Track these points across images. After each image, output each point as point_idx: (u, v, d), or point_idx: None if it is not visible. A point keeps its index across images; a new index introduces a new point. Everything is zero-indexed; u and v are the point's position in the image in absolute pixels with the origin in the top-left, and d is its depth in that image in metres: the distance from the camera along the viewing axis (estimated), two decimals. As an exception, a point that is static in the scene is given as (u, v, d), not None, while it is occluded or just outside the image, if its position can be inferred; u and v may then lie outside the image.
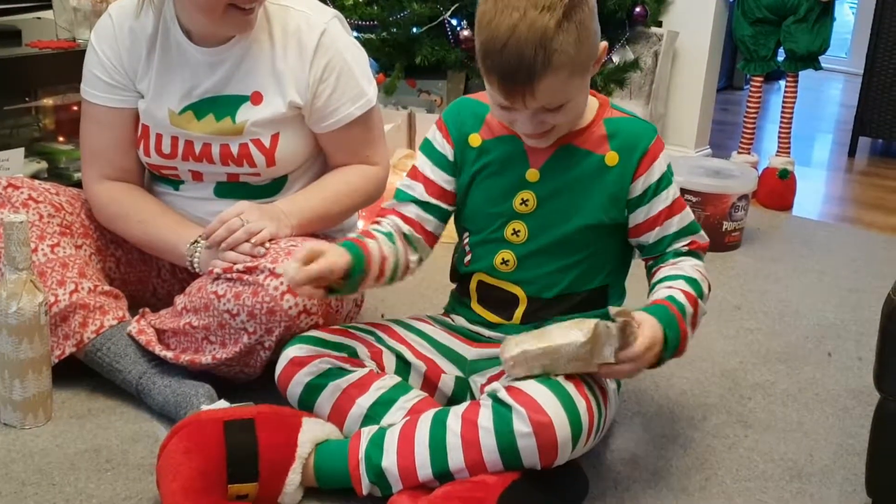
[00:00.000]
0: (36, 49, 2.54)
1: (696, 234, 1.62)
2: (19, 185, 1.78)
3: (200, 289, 1.66)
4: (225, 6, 1.65)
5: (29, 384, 1.61)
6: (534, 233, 1.58)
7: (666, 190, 1.57)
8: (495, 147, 1.59)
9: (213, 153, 1.78)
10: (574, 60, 1.39)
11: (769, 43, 3.22)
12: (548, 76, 1.38)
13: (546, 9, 1.36)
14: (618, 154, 1.54)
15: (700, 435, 1.74)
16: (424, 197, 1.63)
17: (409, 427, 1.44)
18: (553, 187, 1.56)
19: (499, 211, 1.59)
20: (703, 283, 1.58)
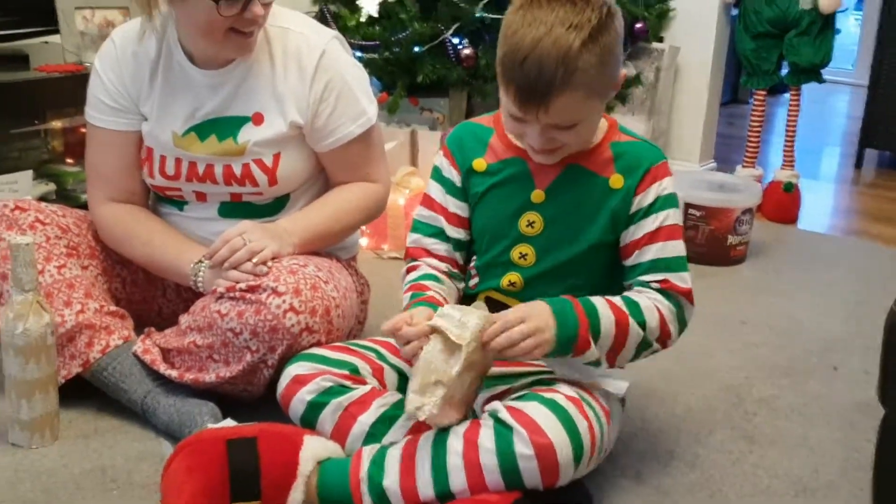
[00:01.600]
0: (44, 73, 2.57)
1: (675, 273, 1.54)
2: (26, 208, 1.79)
3: (204, 308, 1.67)
4: (225, 30, 1.67)
5: (36, 404, 1.62)
6: (541, 255, 1.58)
7: (656, 214, 1.53)
8: (500, 170, 1.60)
9: (216, 173, 1.79)
10: (593, 82, 1.40)
11: (771, 57, 3.23)
12: (565, 94, 1.39)
13: (573, 27, 1.37)
14: (622, 176, 1.54)
15: (705, 451, 1.74)
16: (450, 232, 1.64)
17: (410, 447, 1.44)
18: (559, 208, 1.56)
19: (505, 233, 1.59)
20: (648, 314, 1.49)
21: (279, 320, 1.59)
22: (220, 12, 1.63)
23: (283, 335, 1.59)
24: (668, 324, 1.52)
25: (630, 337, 1.49)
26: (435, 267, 1.64)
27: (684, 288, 1.54)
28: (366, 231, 2.66)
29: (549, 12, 1.38)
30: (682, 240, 1.56)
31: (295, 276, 1.62)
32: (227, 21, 1.65)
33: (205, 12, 1.64)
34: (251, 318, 1.60)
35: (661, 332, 1.52)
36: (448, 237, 1.65)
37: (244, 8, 1.64)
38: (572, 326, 1.44)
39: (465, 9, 2.80)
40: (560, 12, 1.38)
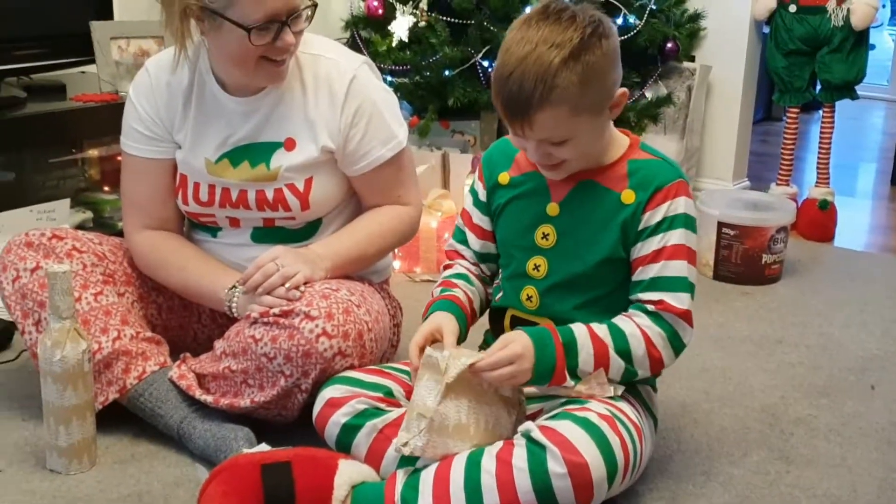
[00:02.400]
0: (80, 103, 2.62)
1: (672, 294, 1.53)
2: (63, 236, 1.82)
3: (238, 333, 1.69)
4: (257, 58, 1.69)
5: (73, 430, 1.64)
6: (553, 267, 1.60)
7: (665, 233, 1.53)
8: (521, 182, 1.64)
9: (249, 199, 1.82)
10: (577, 99, 1.43)
11: (804, 74, 3.21)
12: (545, 110, 1.42)
13: (555, 46, 1.41)
14: (634, 192, 1.54)
15: (740, 472, 1.73)
16: (472, 242, 1.72)
17: (443, 468, 1.45)
18: (572, 222, 1.58)
19: (522, 244, 1.63)
20: (634, 342, 1.51)
21: (312, 345, 1.60)
22: (251, 41, 1.65)
23: (316, 359, 1.61)
24: (659, 349, 1.53)
25: (611, 368, 1.51)
26: (467, 268, 1.74)
27: (680, 309, 1.53)
28: (398, 254, 2.67)
29: (536, 31, 1.43)
30: (687, 261, 1.54)
31: (327, 300, 1.63)
32: (258, 50, 1.67)
33: (237, 42, 1.66)
34: (285, 342, 1.61)
35: (649, 360, 1.53)
36: (470, 247, 1.73)
37: (276, 37, 1.67)
38: (549, 361, 1.49)
39: (495, 32, 2.82)
40: (545, 31, 1.43)
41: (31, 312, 1.76)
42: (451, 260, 1.76)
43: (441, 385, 1.45)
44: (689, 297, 1.54)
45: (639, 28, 2.97)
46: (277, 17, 1.66)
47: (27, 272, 1.76)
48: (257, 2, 1.63)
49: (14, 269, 1.78)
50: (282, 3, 1.65)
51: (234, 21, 1.64)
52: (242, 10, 1.63)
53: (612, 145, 1.58)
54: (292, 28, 1.69)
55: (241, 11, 1.63)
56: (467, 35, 2.87)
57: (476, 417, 1.48)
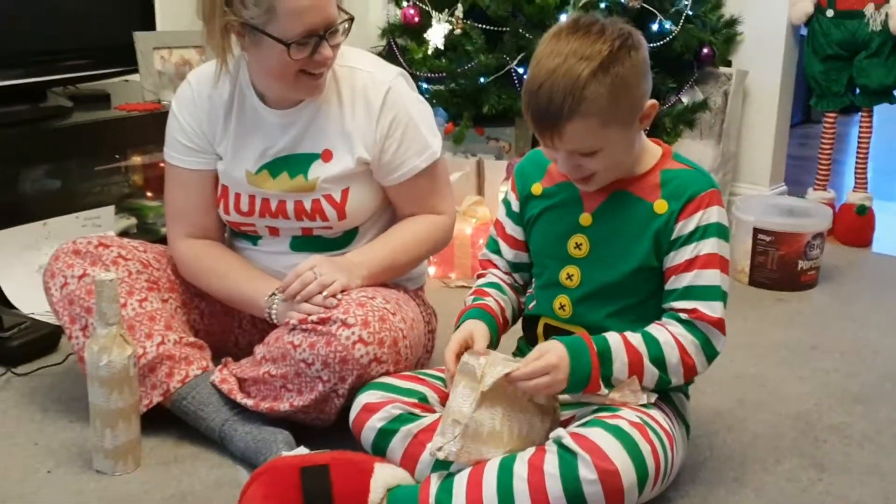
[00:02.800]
0: (124, 111, 2.68)
1: (706, 302, 1.55)
2: (109, 244, 1.88)
3: (278, 339, 1.73)
4: (296, 72, 1.73)
5: (119, 433, 1.69)
6: (586, 277, 1.62)
7: (698, 242, 1.55)
8: (554, 193, 1.66)
9: (287, 209, 1.86)
10: (606, 111, 1.45)
11: (841, 79, 3.20)
12: (574, 121, 1.45)
13: (585, 58, 1.44)
14: (667, 202, 1.56)
15: (773, 478, 1.74)
16: (505, 252, 1.76)
17: (477, 473, 1.47)
18: (604, 232, 1.60)
19: (555, 254, 1.65)
20: (668, 350, 1.53)
21: (349, 351, 1.64)
22: (290, 56, 1.69)
23: (352, 366, 1.64)
24: (692, 357, 1.55)
25: (645, 376, 1.53)
26: (500, 277, 1.78)
27: (713, 318, 1.55)
28: (433, 260, 2.71)
29: (566, 44, 1.46)
30: (720, 270, 1.56)
31: (364, 308, 1.67)
32: (297, 64, 1.71)
33: (276, 56, 1.70)
34: (322, 349, 1.65)
35: (683, 367, 1.55)
36: (503, 256, 1.77)
37: (314, 51, 1.71)
38: (584, 370, 1.51)
39: (530, 39, 2.84)
40: (575, 44, 1.45)
41: (78, 318, 1.81)
42: (484, 269, 1.80)
43: (476, 393, 1.48)
44: (721, 305, 1.56)
45: (675, 34, 2.97)
46: (315, 31, 1.70)
47: (75, 279, 1.82)
48: (296, 17, 1.67)
49: (62, 276, 1.83)
50: (319, 18, 1.69)
51: (274, 36, 1.68)
52: (282, 25, 1.67)
53: (645, 155, 1.60)
54: (330, 42, 1.72)
55: (280, 27, 1.68)
56: (502, 42, 2.90)
57: (510, 424, 1.51)
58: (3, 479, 1.69)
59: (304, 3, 1.67)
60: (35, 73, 2.56)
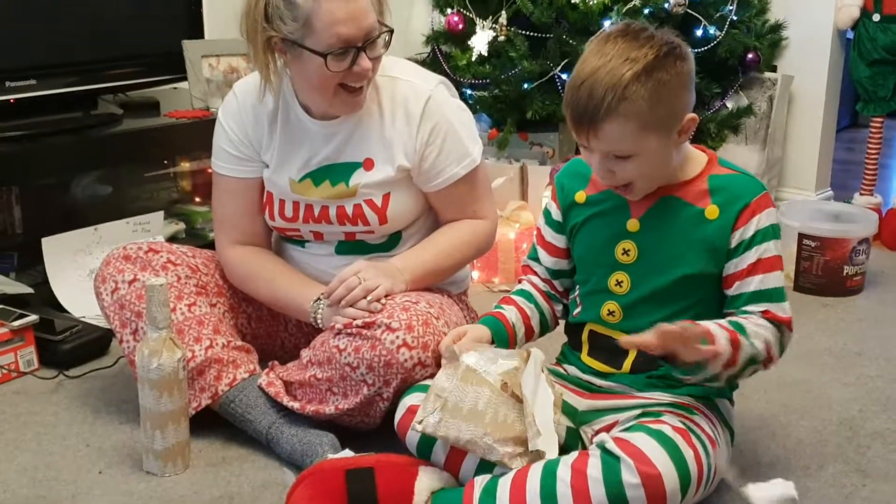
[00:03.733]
0: (173, 119, 2.72)
1: (776, 303, 1.57)
2: (158, 250, 1.92)
3: (324, 343, 1.76)
4: (335, 86, 1.76)
5: (169, 435, 1.72)
6: (636, 283, 1.62)
7: (758, 246, 1.56)
8: (600, 200, 1.67)
9: (330, 215, 1.89)
10: (645, 115, 1.46)
11: (888, 83, 3.17)
12: (612, 121, 1.46)
13: (629, 60, 1.45)
14: (718, 208, 1.56)
15: (817, 485, 1.74)
16: (548, 262, 1.77)
17: (520, 477, 1.48)
18: (653, 237, 1.60)
19: (602, 261, 1.65)
20: (755, 338, 1.52)
21: (393, 355, 1.66)
22: (328, 68, 1.71)
23: (397, 369, 1.66)
24: (772, 347, 1.55)
25: (741, 353, 1.50)
26: (535, 285, 1.80)
27: (785, 317, 1.57)
28: (477, 264, 2.72)
29: (613, 46, 1.47)
30: (781, 270, 1.59)
31: (408, 312, 1.69)
32: (336, 77, 1.74)
33: (316, 70, 1.73)
34: (367, 353, 1.67)
35: (766, 355, 1.55)
36: (542, 263, 1.78)
37: (353, 62, 1.73)
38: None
39: (574, 45, 2.85)
40: (622, 46, 1.46)
41: (128, 322, 1.85)
42: (524, 275, 1.83)
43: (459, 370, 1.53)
44: (788, 305, 1.59)
45: (719, 39, 2.97)
46: (353, 42, 1.71)
47: (125, 284, 1.86)
48: (332, 29, 1.69)
49: (113, 281, 1.87)
50: (356, 29, 1.71)
51: (312, 49, 1.71)
52: (319, 37, 1.70)
53: (690, 162, 1.61)
54: (369, 54, 1.74)
55: (317, 39, 1.70)
56: (546, 48, 2.91)
57: (494, 409, 1.50)
58: (56, 480, 1.73)
59: (339, 15, 1.69)
60: (86, 82, 2.61)
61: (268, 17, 1.71)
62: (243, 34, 1.77)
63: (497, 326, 1.72)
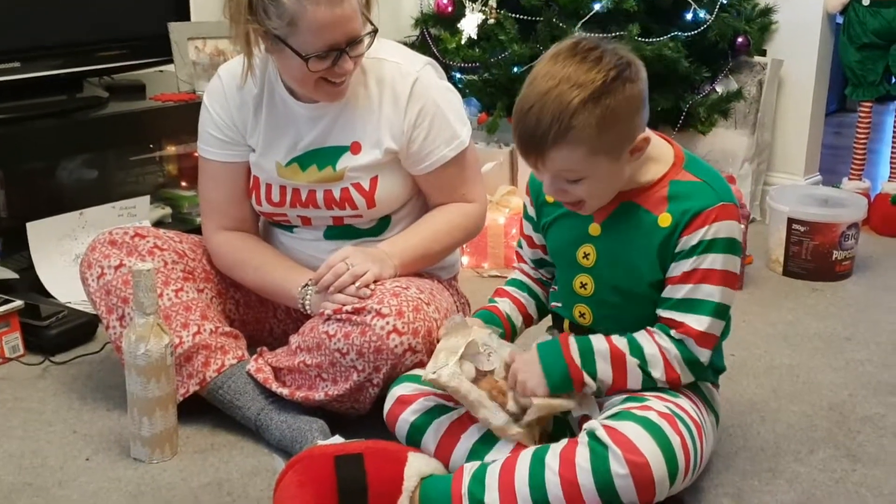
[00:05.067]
0: (159, 102, 2.70)
1: (695, 315, 1.51)
2: (145, 235, 1.90)
3: (313, 329, 1.74)
4: (316, 79, 1.74)
5: (156, 421, 1.71)
6: (599, 286, 1.61)
7: (700, 256, 1.50)
8: None
9: (317, 199, 1.87)
10: (594, 140, 1.41)
11: (877, 68, 3.17)
12: (560, 149, 1.42)
13: (577, 86, 1.40)
14: (671, 216, 1.51)
15: (807, 469, 1.74)
16: (529, 254, 1.79)
17: (509, 464, 1.48)
18: (612, 242, 1.57)
19: (567, 262, 1.64)
20: (652, 361, 1.52)
21: (383, 341, 1.65)
22: (309, 68, 1.70)
23: (387, 355, 1.65)
24: (677, 371, 1.53)
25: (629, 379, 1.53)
26: (526, 273, 1.81)
27: (697, 331, 1.52)
28: (466, 249, 2.71)
29: (561, 68, 1.41)
30: (722, 285, 1.52)
31: (398, 298, 1.68)
32: (317, 73, 1.72)
33: (297, 67, 1.71)
34: (357, 339, 1.66)
35: (666, 378, 1.53)
36: (525, 253, 1.81)
37: (335, 63, 1.71)
38: (559, 368, 1.53)
39: (564, 29, 2.83)
40: (571, 69, 1.41)
41: (115, 308, 1.83)
42: (517, 263, 1.84)
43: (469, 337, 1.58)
44: (711, 320, 1.52)
45: (709, 23, 2.95)
46: (337, 46, 1.69)
47: (111, 269, 1.84)
48: (317, 33, 1.67)
49: (99, 267, 1.85)
50: (341, 33, 1.68)
51: (294, 49, 1.69)
52: (303, 39, 1.67)
53: (653, 165, 1.55)
54: (351, 54, 1.72)
55: (301, 40, 1.68)
56: (536, 32, 2.89)
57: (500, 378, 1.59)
58: (43, 466, 1.72)
59: (325, 20, 1.66)
60: (71, 64, 2.59)
61: (252, 9, 1.68)
62: (225, 15, 1.75)
63: (492, 319, 1.71)
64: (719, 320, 1.54)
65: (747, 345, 2.27)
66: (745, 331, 2.35)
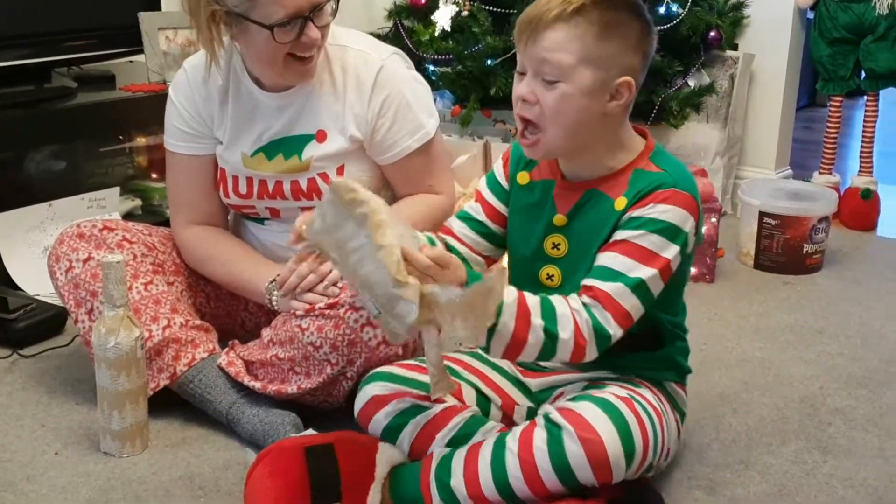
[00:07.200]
0: (129, 92, 2.68)
1: (613, 284, 1.45)
2: (114, 227, 1.88)
3: (285, 322, 1.73)
4: (284, 56, 1.73)
5: (126, 415, 1.69)
6: (567, 277, 1.56)
7: (631, 230, 1.47)
8: (536, 188, 1.60)
9: (284, 190, 1.86)
10: (590, 44, 1.42)
11: (847, 62, 3.19)
12: (558, 29, 1.42)
13: None
14: (627, 199, 1.49)
15: (778, 461, 1.75)
16: (480, 217, 1.66)
17: (474, 448, 1.49)
18: (578, 232, 1.55)
19: (532, 254, 1.59)
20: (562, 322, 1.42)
21: (357, 334, 1.64)
22: (276, 39, 1.69)
23: (361, 348, 1.65)
24: (585, 337, 1.45)
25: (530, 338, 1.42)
26: (443, 241, 1.64)
27: (604, 292, 1.45)
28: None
29: None
30: (645, 265, 1.46)
31: None
32: (285, 47, 1.71)
33: (263, 42, 1.70)
34: (330, 332, 1.65)
35: (574, 345, 1.44)
36: (475, 220, 1.65)
37: (300, 33, 1.70)
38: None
39: (537, 22, 2.82)
40: None
41: (83, 302, 1.81)
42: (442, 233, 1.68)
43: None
44: (621, 286, 1.45)
45: (682, 16, 2.96)
46: (300, 13, 1.69)
47: (80, 263, 1.82)
48: (277, 1, 1.66)
49: (67, 260, 1.83)
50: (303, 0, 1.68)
51: (258, 22, 1.68)
52: (264, 9, 1.67)
53: (622, 152, 1.53)
54: (316, 23, 1.71)
55: (262, 11, 1.67)
56: (510, 24, 2.88)
57: None
58: (11, 461, 1.70)
59: None
60: (39, 54, 2.56)
61: None
62: (185, 9, 1.73)
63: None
64: (634, 297, 1.46)
65: (718, 338, 2.28)
66: (716, 324, 2.36)
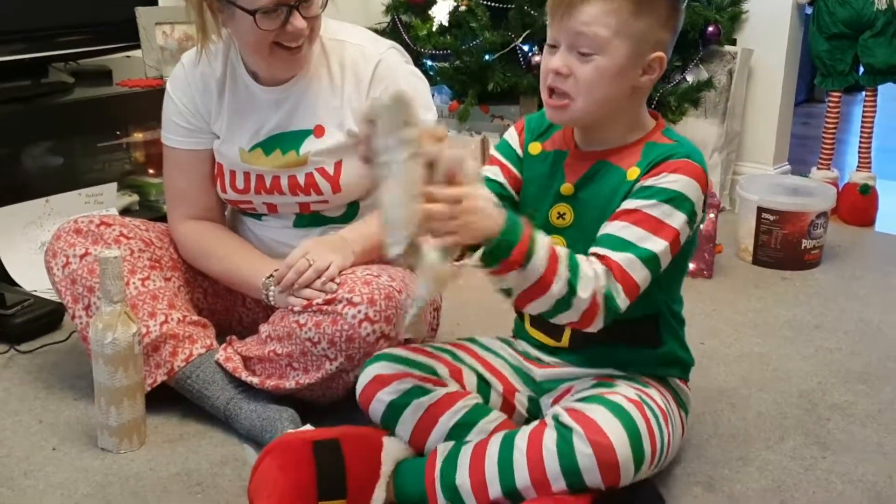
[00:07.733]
0: (126, 88, 2.67)
1: (623, 254, 1.44)
2: (111, 223, 1.87)
3: (283, 318, 1.73)
4: (270, 45, 1.72)
5: (124, 411, 1.69)
6: (572, 247, 1.51)
7: (642, 200, 1.46)
8: (546, 158, 1.60)
9: (282, 185, 1.85)
10: (626, 17, 1.42)
11: (846, 58, 3.18)
12: (594, 4, 1.42)
13: None
14: (640, 169, 1.49)
15: (777, 457, 1.75)
16: (500, 178, 1.62)
17: (481, 445, 1.49)
18: (585, 202, 1.55)
19: (540, 223, 1.57)
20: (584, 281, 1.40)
21: (355, 330, 1.64)
22: (258, 25, 1.68)
23: (359, 344, 1.64)
24: (598, 301, 1.41)
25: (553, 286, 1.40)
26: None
27: (615, 262, 1.44)
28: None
29: None
30: (655, 235, 1.45)
31: (369, 286, 1.66)
32: (269, 35, 1.70)
33: (249, 28, 1.70)
34: (328, 328, 1.65)
35: (588, 306, 1.41)
36: (498, 183, 1.61)
37: (285, 21, 1.69)
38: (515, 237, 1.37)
39: (536, 16, 2.82)
40: None
41: (80, 297, 1.81)
42: None
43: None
44: (632, 257, 1.44)
45: (680, 12, 2.96)
46: (285, 1, 1.68)
47: (76, 258, 1.81)
48: None
49: (64, 256, 1.82)
50: None
51: (242, 7, 1.67)
52: None
53: (636, 129, 1.54)
54: (304, 13, 1.70)
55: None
56: (508, 20, 2.88)
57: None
58: (8, 456, 1.70)
59: None
60: (36, 49, 2.55)
61: None
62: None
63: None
64: (645, 269, 1.45)
65: (717, 333, 2.28)
66: (715, 319, 2.36)
